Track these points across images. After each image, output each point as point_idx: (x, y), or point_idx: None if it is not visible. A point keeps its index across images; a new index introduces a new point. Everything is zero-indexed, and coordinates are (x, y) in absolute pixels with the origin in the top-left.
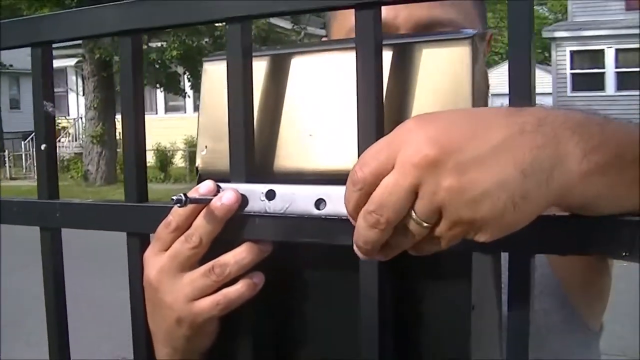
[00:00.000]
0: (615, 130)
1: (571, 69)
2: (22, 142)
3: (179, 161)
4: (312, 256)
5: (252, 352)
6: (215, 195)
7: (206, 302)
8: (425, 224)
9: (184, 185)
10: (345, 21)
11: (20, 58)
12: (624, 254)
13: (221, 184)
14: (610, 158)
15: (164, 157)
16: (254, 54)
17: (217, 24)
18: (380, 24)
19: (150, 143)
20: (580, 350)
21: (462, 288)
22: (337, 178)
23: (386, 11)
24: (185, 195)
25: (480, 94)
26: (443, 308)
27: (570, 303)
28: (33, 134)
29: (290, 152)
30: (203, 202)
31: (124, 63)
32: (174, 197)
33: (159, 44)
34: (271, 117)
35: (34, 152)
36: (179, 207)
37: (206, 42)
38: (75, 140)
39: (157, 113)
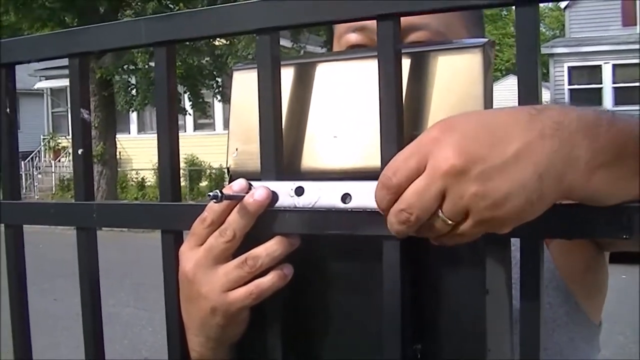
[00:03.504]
0: (620, 130)
1: (569, 84)
2: (22, 162)
3: None
4: (338, 248)
5: (280, 340)
6: (247, 192)
7: (240, 292)
8: (450, 222)
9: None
10: (341, 40)
11: (19, 78)
12: (624, 237)
13: (253, 182)
14: (613, 157)
15: None
16: (281, 62)
17: (216, 44)
18: (399, 33)
19: (147, 163)
20: (582, 343)
21: (477, 273)
22: (359, 176)
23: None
24: (221, 191)
25: (490, 96)
26: (459, 292)
27: (574, 297)
28: (32, 154)
29: (316, 153)
30: (237, 199)
31: (159, 72)
32: (211, 194)
33: None
34: (298, 120)
35: (34, 172)
36: (215, 202)
37: (206, 61)
38: None
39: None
